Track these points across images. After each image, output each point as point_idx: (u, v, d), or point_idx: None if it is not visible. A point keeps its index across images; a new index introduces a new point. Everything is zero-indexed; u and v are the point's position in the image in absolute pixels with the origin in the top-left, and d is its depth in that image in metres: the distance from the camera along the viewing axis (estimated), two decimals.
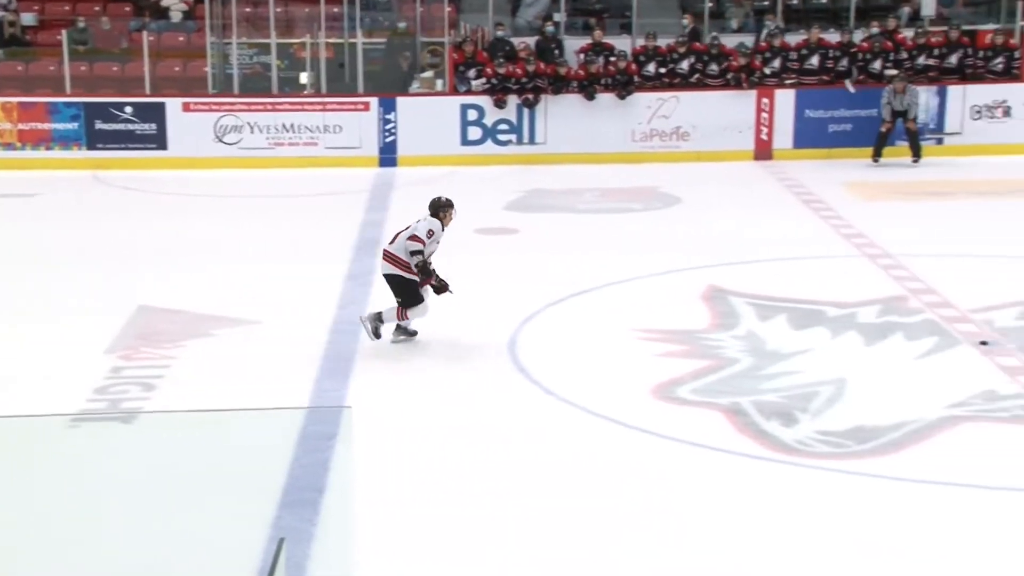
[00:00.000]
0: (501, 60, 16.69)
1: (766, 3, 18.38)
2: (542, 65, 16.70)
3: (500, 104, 16.70)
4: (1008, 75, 16.45)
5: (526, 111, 16.76)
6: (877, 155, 16.09)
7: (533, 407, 8.13)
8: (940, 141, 16.46)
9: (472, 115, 16.85)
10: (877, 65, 16.54)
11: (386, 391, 8.40)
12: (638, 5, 17.79)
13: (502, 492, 6.89)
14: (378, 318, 9.18)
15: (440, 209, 9.21)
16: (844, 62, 16.61)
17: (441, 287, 9.15)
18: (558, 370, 8.75)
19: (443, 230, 9.17)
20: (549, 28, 17.43)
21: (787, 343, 9.12)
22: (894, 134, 16.09)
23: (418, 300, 9.15)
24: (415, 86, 17.45)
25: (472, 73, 16.90)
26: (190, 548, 4.42)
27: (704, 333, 9.45)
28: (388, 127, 16.79)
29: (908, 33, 16.92)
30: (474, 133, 16.90)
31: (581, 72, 16.77)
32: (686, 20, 17.32)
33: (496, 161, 16.66)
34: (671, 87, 16.78)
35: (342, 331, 9.61)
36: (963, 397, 7.97)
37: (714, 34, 17.33)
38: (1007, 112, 16.35)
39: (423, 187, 15.67)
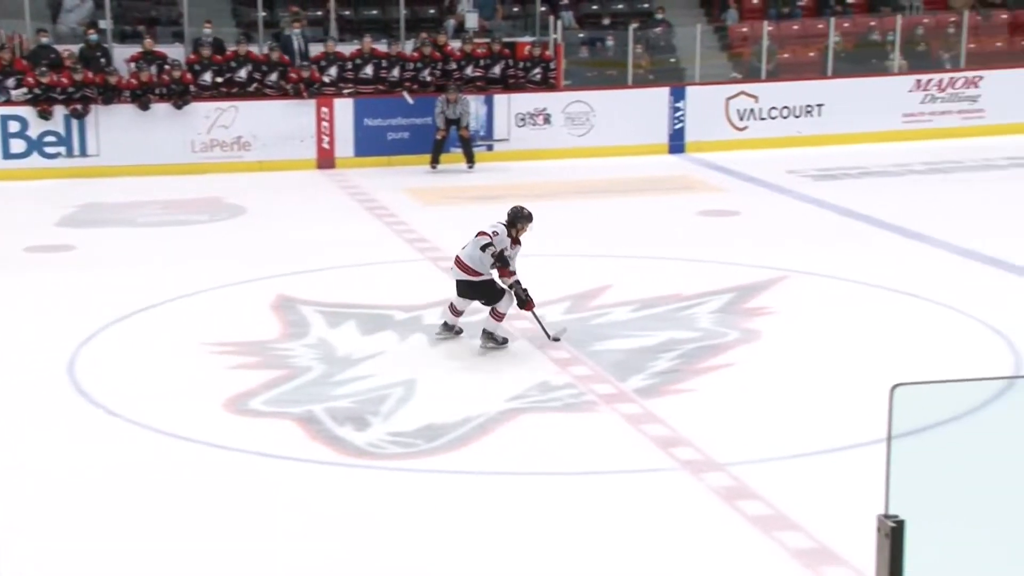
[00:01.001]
0: (44, 68, 15.78)
1: (319, 13, 18.61)
2: (90, 74, 15.98)
3: (45, 115, 15.79)
4: (546, 85, 17.66)
5: (75, 122, 15.95)
6: (434, 162, 16.75)
7: (98, 431, 7.80)
8: (490, 147, 17.40)
9: (14, 127, 15.81)
10: (427, 75, 17.23)
11: None
12: (189, 14, 17.44)
13: (71, 525, 6.56)
14: (489, 337, 9.15)
15: (518, 220, 9.13)
16: (396, 72, 17.16)
17: (522, 300, 9.01)
18: (124, 390, 8.45)
19: (516, 242, 9.15)
20: (93, 36, 16.67)
21: (357, 348, 9.31)
22: (449, 141, 16.82)
23: (500, 294, 9.06)
24: None
25: (11, 82, 15.86)
26: None
27: (275, 343, 9.45)
28: None
29: (455, 45, 17.74)
30: (17, 146, 15.86)
31: (133, 81, 16.20)
32: (207, 29, 17.09)
33: (44, 175, 15.74)
34: (230, 96, 16.60)
35: None
36: (521, 390, 8.49)
37: (270, 43, 17.32)
38: (547, 119, 17.53)
39: None
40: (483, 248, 9.04)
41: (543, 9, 18.96)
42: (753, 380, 8.70)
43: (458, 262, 9.24)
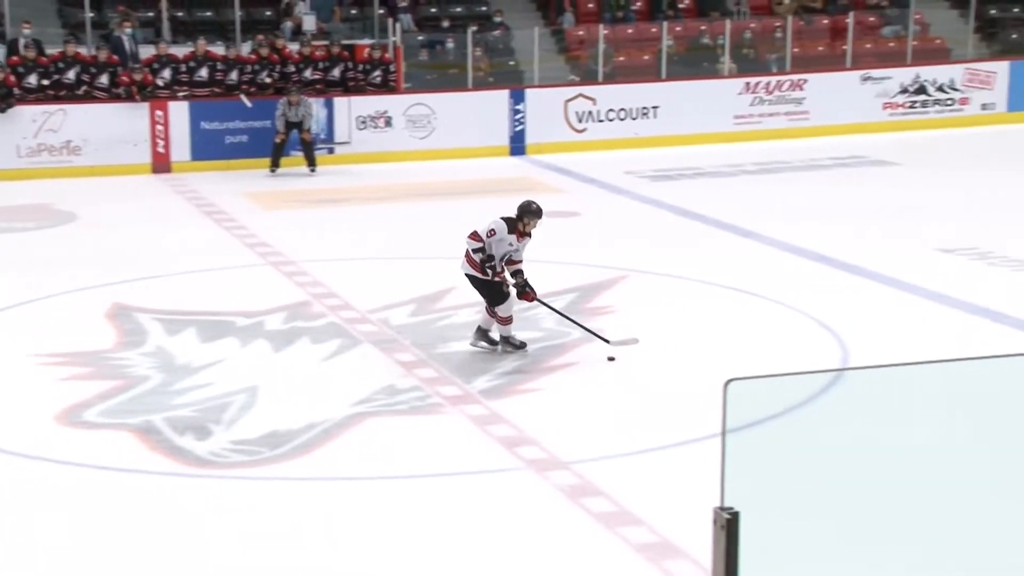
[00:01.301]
0: None
1: (151, 14, 18.16)
2: None
3: None
4: (386, 87, 17.60)
5: None
6: (275, 165, 16.52)
7: None
8: (332, 151, 17.26)
9: None
10: (264, 77, 16.98)
11: None
12: (11, 14, 16.81)
13: None
14: (506, 341, 9.12)
15: (525, 215, 8.96)
16: (233, 75, 16.88)
17: (521, 290, 8.98)
18: None
19: (524, 235, 9.00)
20: None
21: (197, 356, 9.13)
22: (289, 144, 16.61)
23: (503, 298, 9.01)
24: None
25: None
26: None
27: (110, 353, 9.20)
28: None
29: (293, 47, 17.54)
30: None
31: None
32: (27, 29, 16.52)
33: None
34: (57, 99, 16.05)
35: None
36: (367, 394, 8.45)
37: (97, 45, 16.84)
38: (388, 122, 17.49)
39: None
40: (473, 252, 8.99)
41: (381, 11, 18.91)
42: (596, 378, 8.84)
43: (468, 257, 9.11)
